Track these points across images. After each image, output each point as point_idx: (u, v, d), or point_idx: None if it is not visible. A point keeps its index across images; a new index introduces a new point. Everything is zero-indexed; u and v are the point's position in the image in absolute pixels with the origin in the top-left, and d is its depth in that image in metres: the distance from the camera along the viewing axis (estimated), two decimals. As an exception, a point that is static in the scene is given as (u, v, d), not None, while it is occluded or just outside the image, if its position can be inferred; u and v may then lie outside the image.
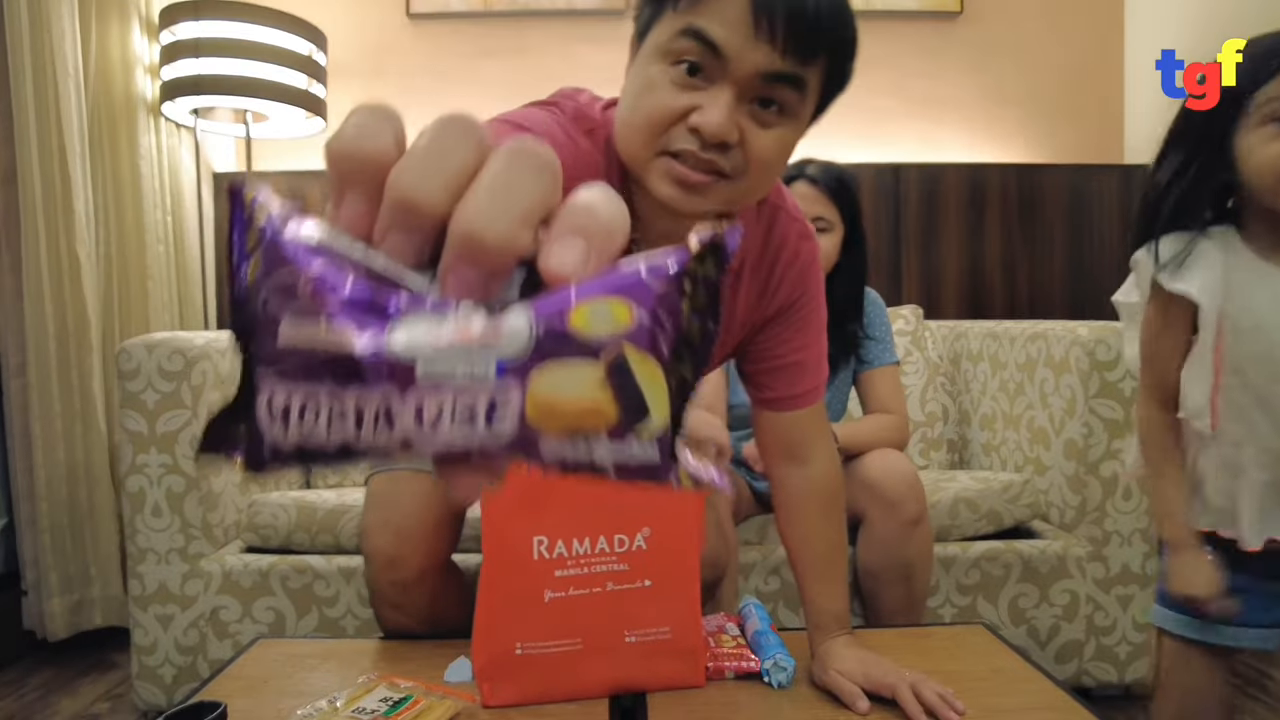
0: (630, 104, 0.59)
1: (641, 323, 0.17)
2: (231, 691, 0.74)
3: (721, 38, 0.54)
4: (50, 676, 1.33)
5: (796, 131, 0.61)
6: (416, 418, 0.16)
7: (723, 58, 0.55)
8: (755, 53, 0.54)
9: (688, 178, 0.57)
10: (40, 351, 1.36)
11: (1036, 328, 1.27)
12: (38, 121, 1.34)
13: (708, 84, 0.56)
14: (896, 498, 1.01)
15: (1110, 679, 1.17)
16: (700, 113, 0.55)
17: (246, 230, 0.18)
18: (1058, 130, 2.00)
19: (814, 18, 0.55)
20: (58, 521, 1.38)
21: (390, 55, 1.96)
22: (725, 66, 0.55)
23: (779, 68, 0.55)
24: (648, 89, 0.57)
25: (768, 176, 0.62)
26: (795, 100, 0.58)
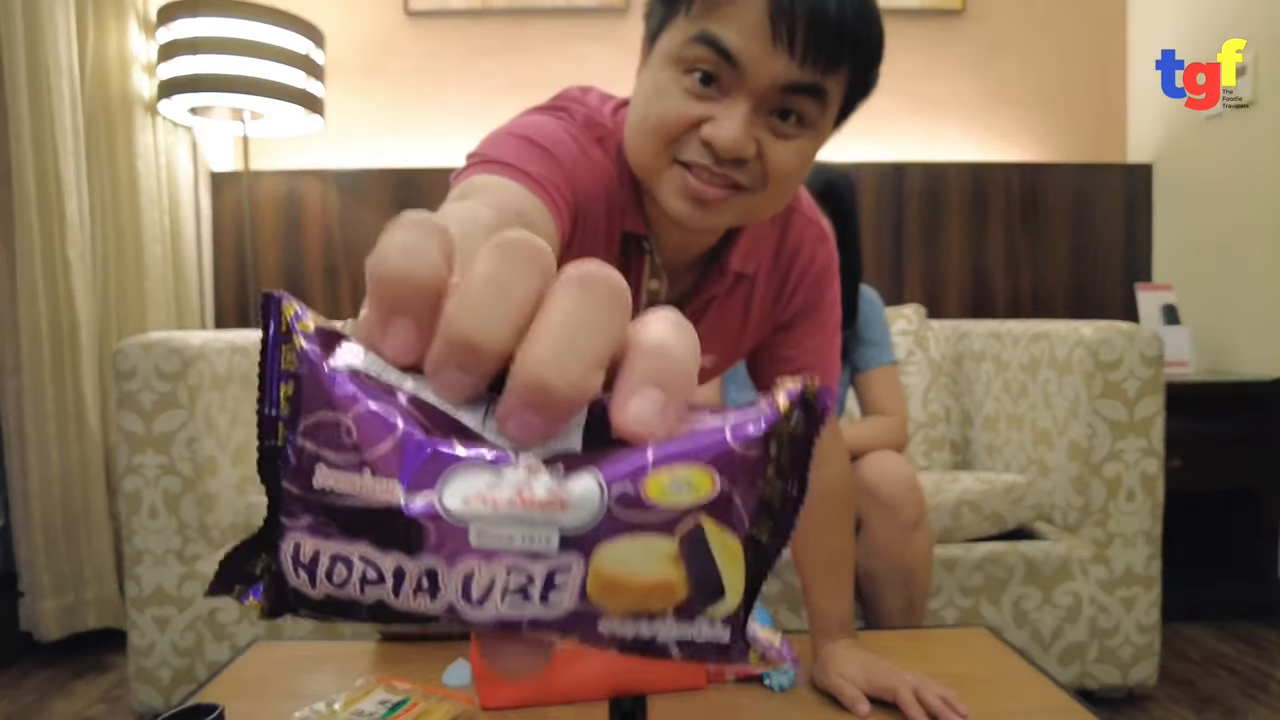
0: (641, 111, 0.55)
1: (723, 492, 0.15)
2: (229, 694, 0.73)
3: (737, 46, 0.50)
4: (47, 678, 1.33)
5: (817, 142, 0.57)
6: (464, 588, 0.15)
7: (739, 67, 0.50)
8: (774, 62, 0.50)
9: (702, 193, 0.53)
10: (34, 352, 1.35)
11: (1040, 328, 1.27)
12: (32, 121, 1.34)
13: (722, 94, 0.52)
14: (895, 501, 1.00)
15: (1114, 681, 1.16)
16: (714, 125, 0.52)
17: (281, 347, 0.16)
18: (1060, 129, 2.00)
19: (838, 23, 0.51)
20: (51, 523, 1.37)
21: (388, 53, 1.95)
22: (741, 76, 0.51)
23: (798, 78, 0.51)
24: (658, 95, 0.54)
25: (787, 190, 0.58)
26: (816, 111, 0.54)
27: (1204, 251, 1.80)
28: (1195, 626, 1.53)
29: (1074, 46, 1.99)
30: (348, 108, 1.92)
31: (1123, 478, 1.14)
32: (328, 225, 1.89)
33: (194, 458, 1.11)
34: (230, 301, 1.89)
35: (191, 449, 1.11)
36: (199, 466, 1.12)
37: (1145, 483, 1.14)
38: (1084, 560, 1.15)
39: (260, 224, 1.88)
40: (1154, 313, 1.74)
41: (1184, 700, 1.23)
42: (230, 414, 1.20)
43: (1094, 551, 1.15)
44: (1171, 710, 1.20)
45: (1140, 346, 1.12)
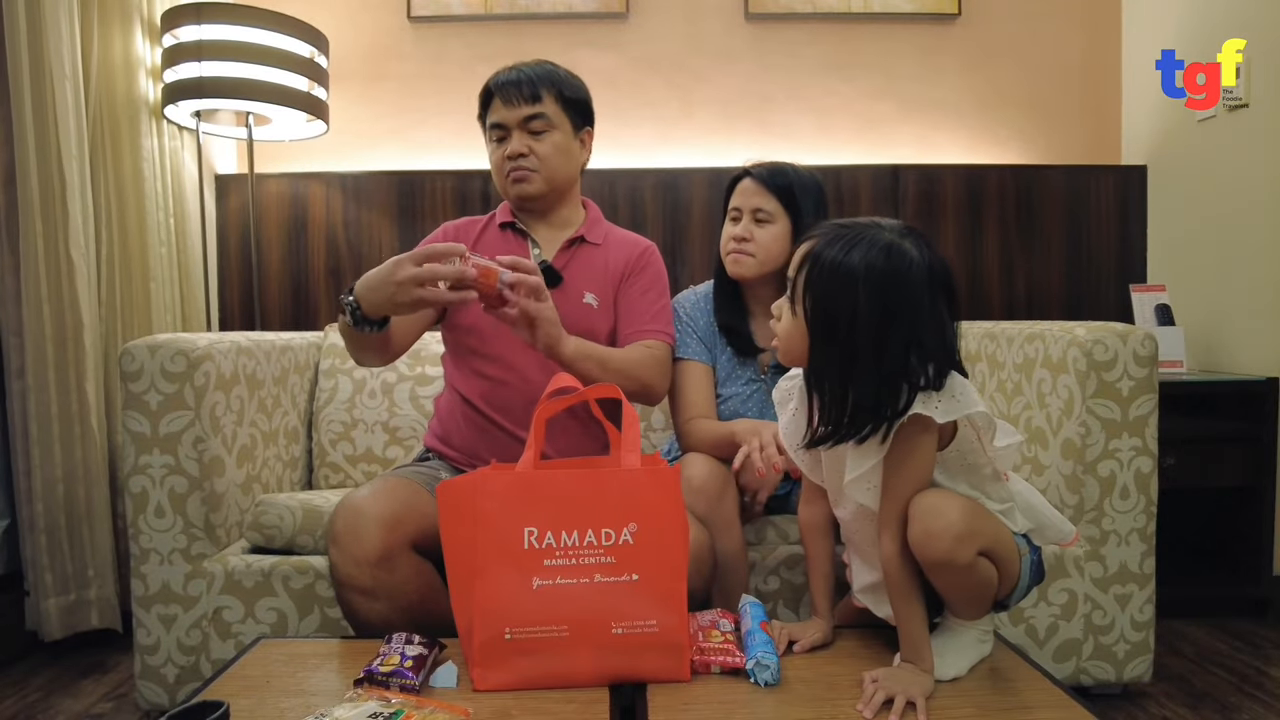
0: (492, 168, 1.14)
1: None
2: (234, 691, 0.74)
3: (500, 117, 1.09)
4: (52, 676, 1.34)
5: (564, 134, 1.10)
6: None
7: (504, 125, 1.09)
8: (511, 113, 1.08)
9: (515, 176, 1.10)
10: (38, 354, 1.36)
11: (1034, 328, 1.28)
12: (36, 125, 1.35)
13: (506, 136, 1.10)
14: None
15: (1108, 678, 1.17)
16: (508, 148, 1.09)
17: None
18: (1055, 131, 2.01)
19: (529, 84, 1.08)
20: (54, 523, 1.38)
21: (391, 58, 1.97)
22: (506, 126, 1.09)
23: (525, 113, 1.08)
24: (490, 156, 1.13)
25: (555, 165, 1.10)
26: (545, 123, 1.08)
27: (1197, 252, 1.81)
28: (1190, 623, 1.54)
29: (1068, 49, 2.01)
30: (351, 112, 1.94)
31: (1117, 476, 1.15)
32: (331, 228, 1.91)
33: (200, 458, 1.13)
34: (235, 303, 1.91)
35: (197, 449, 1.13)
36: (205, 466, 1.13)
37: (1139, 481, 1.15)
38: (1079, 558, 1.16)
39: (264, 227, 1.89)
40: (1148, 313, 1.76)
41: (1179, 696, 1.25)
42: (236, 415, 1.21)
43: (1089, 549, 1.16)
44: (1166, 706, 1.21)
45: (1134, 346, 1.13)
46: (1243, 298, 1.67)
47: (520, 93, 1.07)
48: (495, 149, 1.10)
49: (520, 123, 1.07)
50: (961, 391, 0.72)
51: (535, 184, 1.09)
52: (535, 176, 1.08)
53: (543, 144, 1.08)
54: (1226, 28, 1.67)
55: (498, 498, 0.76)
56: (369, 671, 0.74)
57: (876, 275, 0.69)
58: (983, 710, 0.72)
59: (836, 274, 0.70)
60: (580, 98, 1.12)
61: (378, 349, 1.00)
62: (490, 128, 1.10)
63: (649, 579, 0.75)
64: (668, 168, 1.92)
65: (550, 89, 1.08)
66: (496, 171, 1.11)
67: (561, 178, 1.11)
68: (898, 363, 0.70)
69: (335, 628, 1.11)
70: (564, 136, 1.10)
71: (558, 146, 1.09)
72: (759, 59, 1.99)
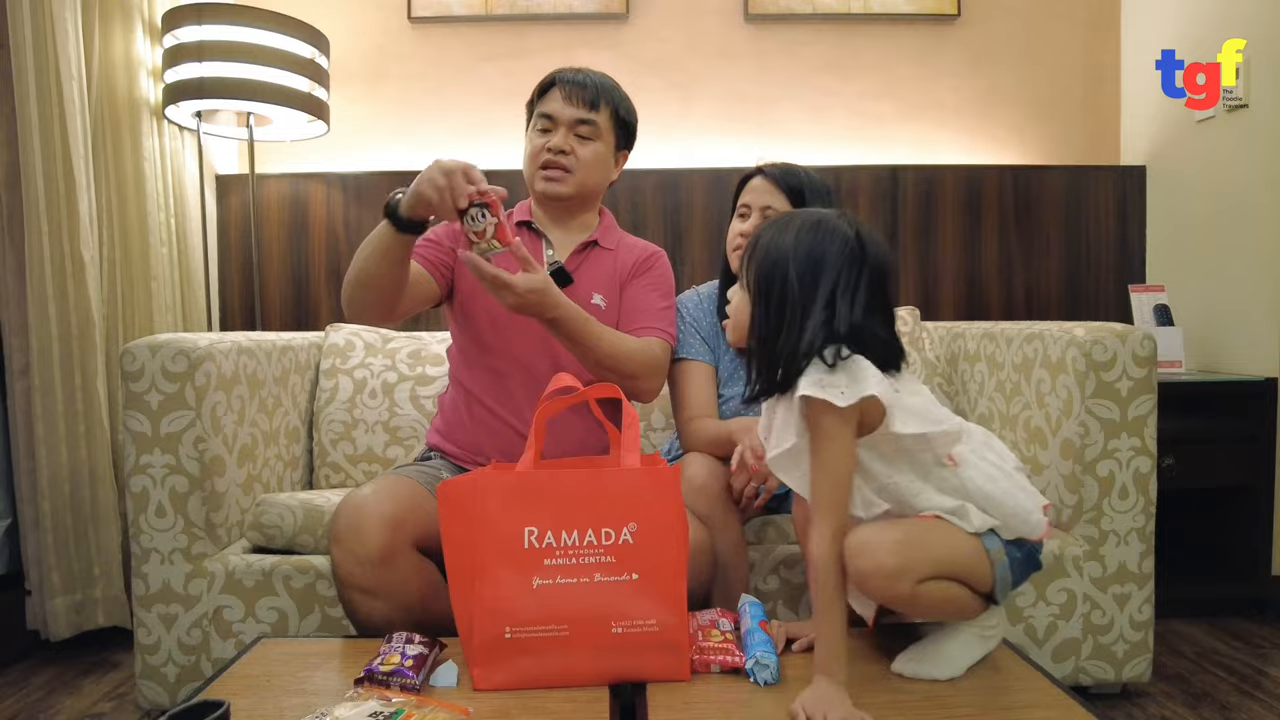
0: (526, 154, 1.15)
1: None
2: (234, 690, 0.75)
3: (553, 110, 1.11)
4: (53, 676, 1.34)
5: (607, 147, 1.14)
6: None
7: (555, 118, 1.11)
8: (567, 110, 1.10)
9: (550, 175, 1.11)
10: (44, 353, 1.37)
11: (1033, 328, 1.28)
12: (41, 124, 1.35)
13: (552, 130, 1.11)
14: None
15: (1107, 677, 1.18)
16: (550, 141, 1.11)
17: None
18: (1054, 132, 2.02)
19: (592, 91, 1.11)
20: (61, 521, 1.38)
21: (392, 59, 1.97)
22: (557, 120, 1.11)
23: (579, 115, 1.10)
24: (528, 143, 1.14)
25: (592, 170, 1.12)
26: (593, 131, 1.11)
27: (1196, 253, 1.82)
28: (1189, 623, 1.55)
29: (1068, 50, 2.01)
30: (352, 112, 1.94)
31: (1116, 476, 1.15)
32: (332, 228, 1.91)
33: (200, 457, 1.13)
34: (236, 303, 1.91)
35: (198, 449, 1.13)
36: (205, 466, 1.13)
37: (1138, 481, 1.16)
38: (1078, 558, 1.16)
39: (265, 227, 1.89)
40: (1147, 313, 1.76)
41: (1178, 696, 1.25)
42: (236, 414, 1.22)
43: (1088, 549, 1.16)
44: (1165, 706, 1.21)
45: (1133, 347, 1.14)
46: (1241, 298, 1.68)
47: (583, 94, 1.09)
48: (536, 137, 1.11)
49: (572, 122, 1.09)
50: (860, 374, 0.71)
51: (567, 185, 1.10)
52: (569, 178, 1.10)
53: (585, 149, 1.10)
54: (1226, 28, 1.67)
55: (498, 497, 0.76)
56: (369, 671, 0.74)
57: (804, 246, 0.75)
58: (982, 710, 0.72)
59: (771, 248, 0.76)
60: (632, 121, 1.16)
61: (387, 277, 0.97)
62: (539, 116, 1.11)
63: (649, 578, 0.76)
64: (668, 168, 1.92)
65: (609, 103, 1.11)
66: (530, 159, 1.12)
67: (592, 186, 1.13)
68: (816, 328, 0.73)
69: (336, 627, 1.11)
70: (606, 149, 1.13)
71: (598, 156, 1.11)
72: (758, 59, 1.99)
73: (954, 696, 0.75)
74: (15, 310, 1.38)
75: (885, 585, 0.71)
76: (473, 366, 1.12)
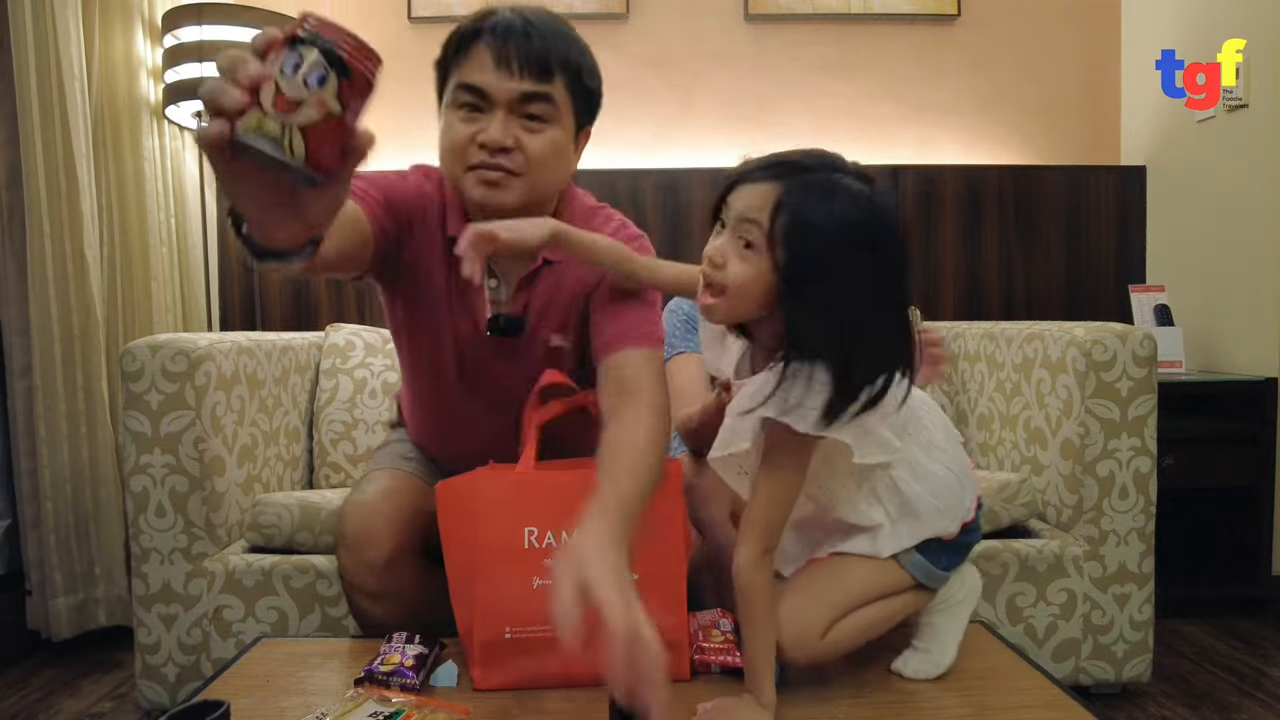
0: (442, 144, 0.80)
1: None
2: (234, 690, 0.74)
3: (481, 81, 0.75)
4: (53, 676, 1.34)
5: (563, 131, 0.79)
6: None
7: (487, 95, 0.75)
8: (506, 84, 0.75)
9: (486, 177, 0.76)
10: (45, 352, 1.37)
11: (1033, 328, 1.28)
12: (42, 124, 1.35)
13: (483, 114, 0.76)
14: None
15: (1107, 677, 1.18)
16: (483, 132, 0.75)
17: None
18: (1055, 132, 2.02)
19: (540, 50, 0.75)
20: (63, 521, 1.38)
21: (391, 58, 1.94)
22: (490, 99, 0.75)
23: (525, 89, 0.75)
24: (447, 129, 0.78)
25: (547, 169, 0.79)
26: (549, 111, 0.77)
27: (1196, 253, 1.81)
28: (1189, 623, 1.55)
29: (1068, 50, 2.01)
30: (350, 112, 1.94)
31: (1116, 476, 1.15)
32: (330, 228, 1.91)
33: (200, 458, 1.13)
34: (236, 303, 1.91)
35: (198, 449, 1.13)
36: (205, 466, 1.13)
37: (1138, 481, 1.16)
38: (1078, 558, 1.16)
39: (264, 227, 1.89)
40: (1147, 314, 1.76)
41: (1177, 696, 1.25)
42: (236, 414, 1.22)
43: (1088, 549, 1.16)
44: (1165, 706, 1.21)
45: (1133, 347, 1.14)
46: (1241, 298, 1.68)
47: (527, 57, 0.74)
48: (459, 122, 0.76)
49: (514, 100, 0.75)
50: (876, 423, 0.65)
51: (513, 194, 0.76)
52: (516, 183, 0.76)
53: (537, 139, 0.76)
54: (1226, 28, 1.67)
55: (498, 498, 0.76)
56: (369, 671, 0.74)
57: (857, 230, 0.62)
58: (981, 710, 0.72)
59: (837, 236, 0.62)
60: (596, 87, 0.81)
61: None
62: (459, 87, 0.75)
63: (649, 579, 0.75)
64: (668, 168, 1.92)
65: (566, 64, 0.76)
66: (452, 154, 0.77)
67: (548, 189, 0.81)
68: (891, 325, 0.64)
69: (336, 627, 1.11)
70: (565, 135, 0.79)
71: (555, 146, 0.78)
72: (758, 59, 1.99)
73: (953, 696, 0.75)
74: (16, 310, 1.38)
75: (816, 653, 0.70)
76: (427, 409, 0.95)
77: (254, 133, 0.39)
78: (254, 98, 0.39)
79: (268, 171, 0.41)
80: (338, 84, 0.40)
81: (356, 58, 0.41)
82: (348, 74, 0.41)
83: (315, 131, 0.40)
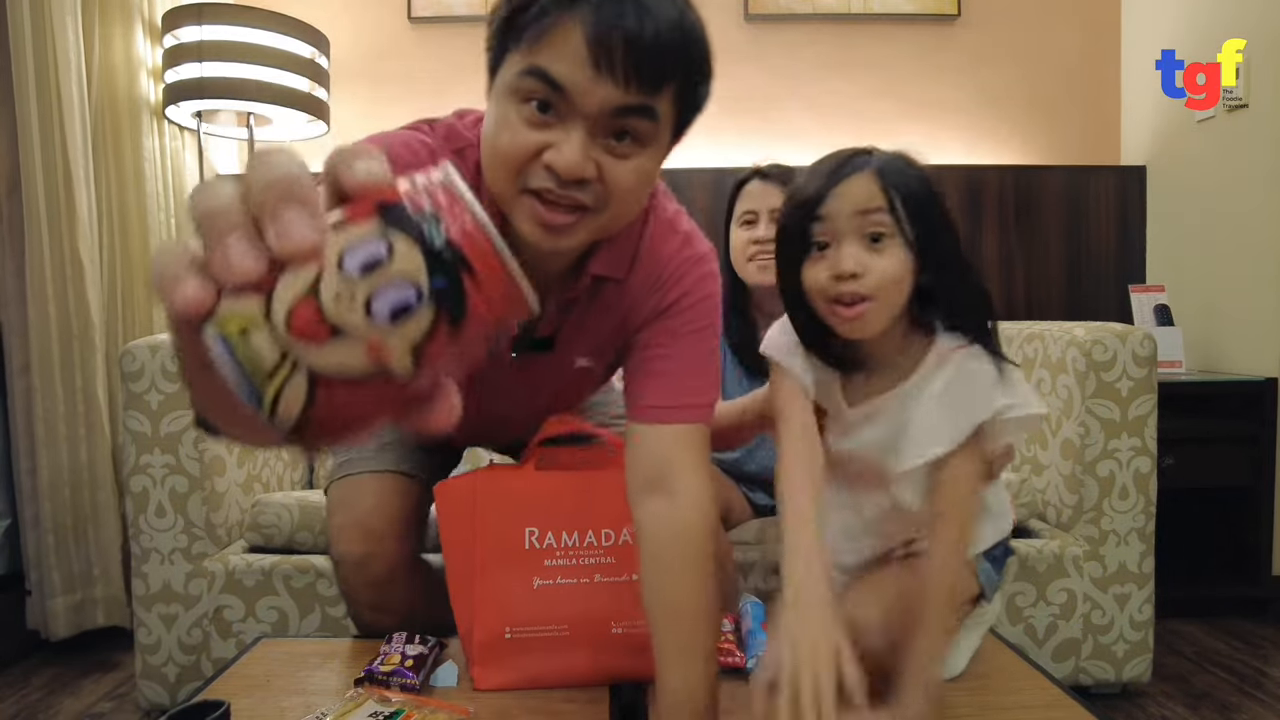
0: (490, 143, 0.59)
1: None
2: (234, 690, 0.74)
3: (564, 76, 0.53)
4: (53, 676, 1.34)
5: (656, 158, 0.61)
6: None
7: (568, 96, 0.54)
8: (599, 89, 0.53)
9: (550, 220, 0.57)
10: (44, 353, 1.37)
11: (1033, 328, 1.28)
12: (41, 125, 1.35)
13: (559, 121, 0.55)
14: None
15: (1107, 677, 1.18)
16: (554, 151, 0.55)
17: None
18: (1055, 132, 2.01)
19: (655, 47, 0.53)
20: (61, 521, 1.38)
21: (392, 59, 1.97)
22: (572, 104, 0.54)
23: (625, 101, 0.54)
24: (502, 127, 0.57)
25: (631, 206, 0.62)
26: (649, 129, 0.57)
27: (1196, 253, 1.81)
28: (1189, 623, 1.54)
29: (1068, 50, 2.01)
30: (352, 113, 1.94)
31: (1116, 476, 1.15)
32: (330, 228, 1.91)
33: (200, 458, 1.13)
34: (234, 304, 1.91)
35: (198, 449, 1.13)
36: (205, 466, 1.13)
37: (1138, 481, 1.16)
38: (1078, 558, 1.16)
39: (264, 227, 1.89)
40: (1147, 314, 1.76)
41: (1177, 696, 1.25)
42: (236, 414, 1.22)
43: (1088, 549, 1.16)
44: (1165, 706, 1.21)
45: (1133, 347, 1.14)
46: (1242, 298, 1.68)
47: (638, 58, 0.53)
48: (522, 124, 0.56)
49: (606, 114, 0.55)
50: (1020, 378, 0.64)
51: (578, 237, 0.60)
52: (586, 222, 0.59)
53: (625, 169, 0.57)
54: (1226, 28, 1.67)
55: (498, 498, 0.76)
56: (369, 671, 0.74)
57: (938, 187, 0.66)
58: (982, 710, 0.72)
59: (931, 192, 0.64)
60: (706, 93, 0.61)
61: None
62: (529, 73, 0.54)
63: None
64: (668, 168, 1.91)
65: (680, 71, 0.56)
66: (506, 168, 0.57)
67: (621, 224, 0.64)
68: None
69: (336, 627, 1.11)
70: (659, 156, 0.61)
71: (645, 177, 0.60)
72: (759, 59, 1.99)
73: (954, 696, 0.75)
74: (15, 310, 1.38)
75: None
76: None
77: (227, 335, 0.22)
78: (264, 283, 0.22)
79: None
80: (434, 312, 0.22)
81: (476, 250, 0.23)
82: (468, 271, 0.22)
83: (342, 388, 0.22)
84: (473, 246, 0.23)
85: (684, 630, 0.64)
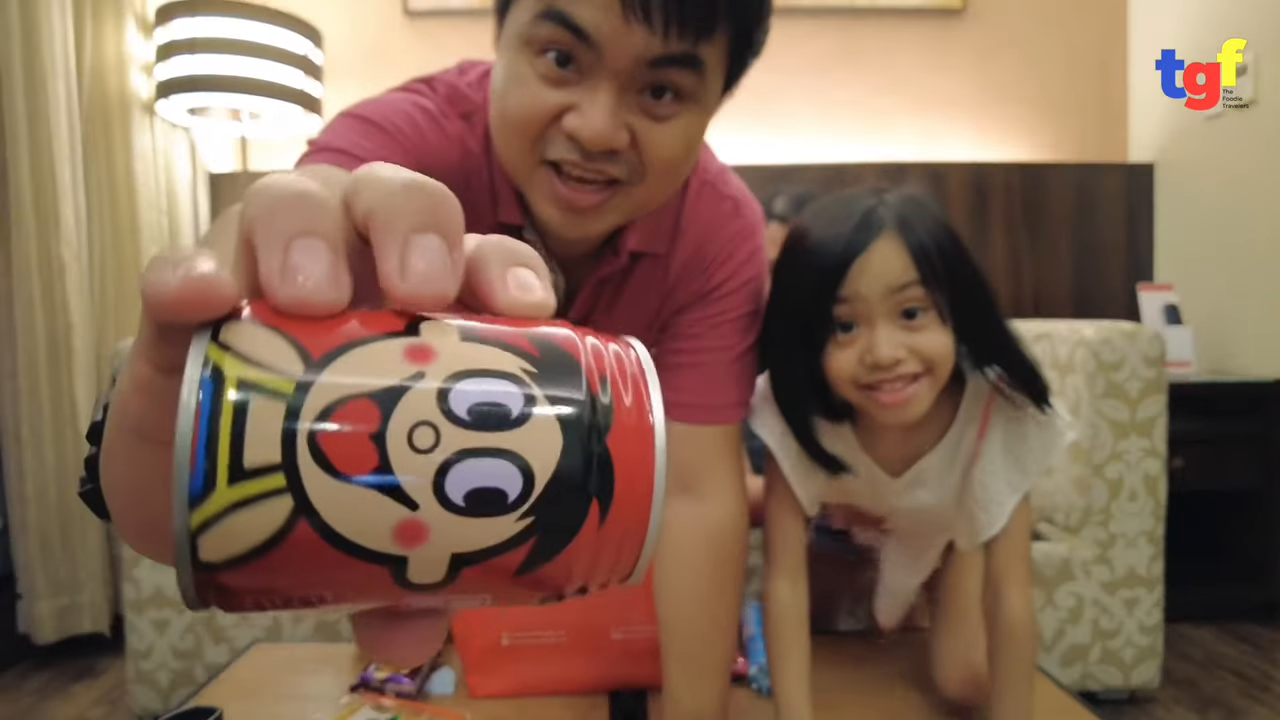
0: (499, 104, 0.48)
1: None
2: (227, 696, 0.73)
3: (589, 21, 0.42)
4: (45, 681, 1.32)
5: (703, 117, 0.50)
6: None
7: (595, 45, 0.43)
8: (632, 36, 0.42)
9: (574, 201, 0.47)
10: (30, 355, 1.35)
11: (1041, 328, 1.26)
12: (29, 123, 1.33)
13: (583, 76, 0.44)
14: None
15: (1116, 683, 1.16)
16: (577, 115, 0.44)
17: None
18: (1062, 128, 1.99)
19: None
20: (47, 526, 1.37)
21: (387, 53, 1.95)
22: (600, 55, 0.43)
23: (665, 51, 0.43)
24: (514, 84, 0.46)
25: (674, 176, 0.51)
26: (694, 83, 0.46)
27: (1206, 251, 1.79)
28: (1198, 627, 1.53)
29: (1075, 46, 1.99)
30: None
31: (1125, 478, 1.13)
32: (327, 226, 1.89)
33: (193, 459, 1.11)
34: (229, 302, 1.89)
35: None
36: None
37: (1147, 483, 1.14)
38: (1086, 561, 1.14)
39: (259, 224, 1.87)
40: (1156, 313, 1.74)
41: (1186, 702, 1.23)
42: (229, 415, 1.20)
43: (1096, 552, 1.14)
44: (1174, 712, 1.20)
45: (1142, 347, 1.12)
46: (1252, 297, 1.65)
47: (686, 4, 0.43)
48: (538, 81, 0.46)
49: (646, 65, 0.45)
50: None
51: (607, 220, 0.51)
52: (616, 202, 0.50)
53: (665, 133, 0.47)
54: (1234, 25, 1.65)
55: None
56: (364, 677, 0.72)
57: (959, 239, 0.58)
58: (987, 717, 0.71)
59: (957, 244, 0.57)
60: (763, 38, 0.52)
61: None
62: (546, 16, 0.45)
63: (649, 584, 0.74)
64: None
65: (735, 9, 0.46)
66: (519, 135, 0.48)
67: (662, 198, 0.54)
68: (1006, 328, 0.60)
69: (330, 632, 1.09)
70: (705, 116, 0.51)
71: (689, 141, 0.50)
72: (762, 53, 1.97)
73: (963, 706, 0.73)
74: (2, 313, 1.36)
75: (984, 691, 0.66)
76: None
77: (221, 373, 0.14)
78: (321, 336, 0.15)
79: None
80: (527, 530, 0.15)
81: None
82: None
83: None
84: (633, 458, 0.15)
85: (699, 641, 0.60)
